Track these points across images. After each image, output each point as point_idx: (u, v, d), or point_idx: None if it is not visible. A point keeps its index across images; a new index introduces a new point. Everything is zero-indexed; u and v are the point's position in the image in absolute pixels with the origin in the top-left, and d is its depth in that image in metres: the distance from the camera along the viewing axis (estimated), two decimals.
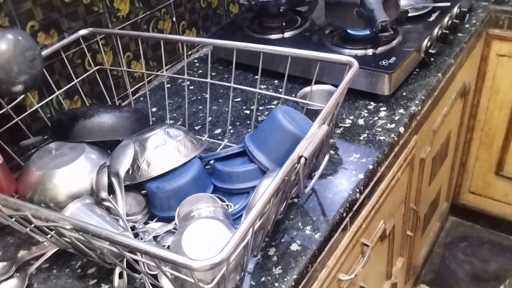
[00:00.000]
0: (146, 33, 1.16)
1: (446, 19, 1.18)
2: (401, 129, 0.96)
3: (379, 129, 0.95)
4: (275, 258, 0.72)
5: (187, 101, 1.04)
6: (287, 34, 1.19)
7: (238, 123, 1.03)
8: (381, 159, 0.90)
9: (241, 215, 0.76)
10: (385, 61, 1.02)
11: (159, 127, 0.84)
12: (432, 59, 1.13)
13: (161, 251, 0.53)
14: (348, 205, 0.81)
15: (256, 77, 0.99)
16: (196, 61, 1.30)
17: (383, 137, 0.93)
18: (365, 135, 0.94)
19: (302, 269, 0.70)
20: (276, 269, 0.70)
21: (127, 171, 0.78)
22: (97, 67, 1.06)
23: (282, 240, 0.75)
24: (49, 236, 0.68)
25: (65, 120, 0.88)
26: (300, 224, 0.77)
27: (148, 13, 1.17)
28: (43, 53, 0.90)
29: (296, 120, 0.79)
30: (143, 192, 0.81)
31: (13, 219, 0.71)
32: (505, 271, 1.77)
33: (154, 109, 1.11)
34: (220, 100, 1.11)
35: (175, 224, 0.75)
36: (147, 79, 1.20)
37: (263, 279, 0.69)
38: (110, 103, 1.09)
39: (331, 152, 0.90)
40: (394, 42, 1.08)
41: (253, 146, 0.79)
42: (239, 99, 1.10)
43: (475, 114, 1.66)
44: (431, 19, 1.16)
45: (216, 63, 1.26)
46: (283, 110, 0.80)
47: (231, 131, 1.00)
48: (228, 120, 0.97)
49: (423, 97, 1.04)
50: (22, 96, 0.93)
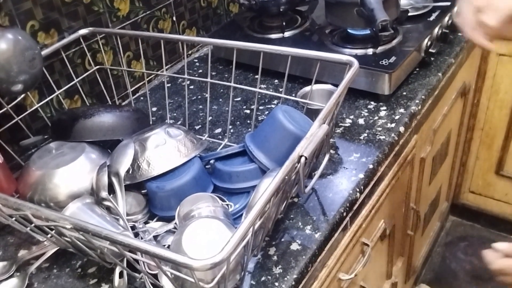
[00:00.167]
0: (146, 33, 1.16)
1: (447, 18, 1.18)
2: (401, 129, 0.96)
3: (379, 129, 0.95)
4: (275, 258, 0.72)
5: (187, 100, 1.04)
6: (287, 34, 1.19)
7: (238, 122, 1.03)
8: (381, 159, 0.90)
9: (241, 214, 0.76)
10: (385, 61, 1.02)
11: (159, 126, 0.84)
12: (432, 58, 1.13)
13: (161, 250, 0.53)
14: (348, 204, 0.81)
15: (256, 76, 0.99)
16: (196, 60, 1.30)
17: (383, 137, 0.93)
18: (365, 134, 0.94)
19: (302, 268, 0.70)
20: (276, 269, 0.70)
21: (127, 171, 0.78)
22: (97, 66, 1.06)
23: (282, 240, 0.75)
24: (49, 235, 0.68)
25: (65, 120, 0.88)
26: (300, 223, 0.77)
27: (148, 12, 1.17)
28: (43, 53, 0.90)
29: (296, 120, 0.79)
30: (143, 191, 0.81)
31: (14, 218, 0.71)
32: None
33: (154, 109, 1.11)
34: (220, 100, 1.11)
35: (175, 223, 0.75)
36: (147, 79, 1.20)
37: (263, 278, 0.69)
38: (110, 102, 1.09)
39: (331, 151, 0.90)
40: (394, 42, 1.08)
41: (253, 146, 0.79)
42: (239, 99, 1.10)
43: (475, 113, 1.66)
44: (431, 18, 1.16)
45: (216, 63, 1.26)
46: (283, 109, 0.80)
47: (231, 130, 1.00)
48: (228, 119, 0.97)
49: (423, 97, 1.04)
50: (22, 95, 0.93)
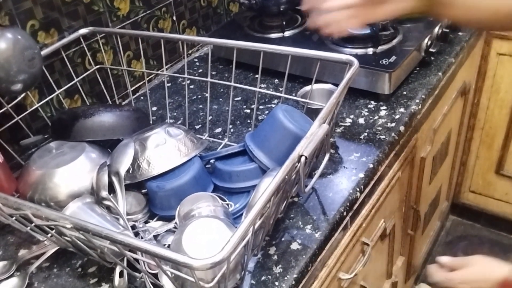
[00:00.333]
0: (146, 32, 1.16)
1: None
2: (402, 128, 0.96)
3: (380, 128, 0.95)
4: (275, 257, 0.72)
5: (187, 100, 1.04)
6: (287, 33, 1.19)
7: (238, 122, 1.03)
8: (381, 158, 0.90)
9: (242, 214, 0.76)
10: (385, 60, 1.01)
11: (159, 126, 0.83)
12: (432, 58, 1.12)
13: (161, 250, 0.53)
14: (348, 204, 0.81)
15: (256, 76, 0.99)
16: (196, 60, 1.30)
17: (384, 136, 0.93)
18: (366, 134, 0.94)
19: (303, 268, 0.70)
20: (277, 268, 0.70)
21: (128, 170, 0.78)
22: (97, 66, 1.06)
23: (283, 239, 0.75)
24: (49, 235, 0.68)
25: (65, 119, 0.88)
26: (300, 223, 0.77)
27: (148, 12, 1.17)
28: (43, 52, 0.90)
29: (296, 119, 0.79)
30: (143, 191, 0.81)
31: (14, 218, 0.71)
32: None
33: (154, 108, 1.11)
34: (221, 99, 1.11)
35: (176, 223, 0.75)
36: (147, 78, 1.20)
37: (263, 278, 0.69)
38: (110, 102, 1.09)
39: (332, 151, 0.90)
40: (395, 41, 1.08)
41: (254, 145, 0.79)
42: (239, 98, 1.10)
43: (476, 113, 1.66)
44: (432, 18, 1.16)
45: (216, 62, 1.26)
46: (283, 109, 0.80)
47: (232, 130, 1.00)
48: (229, 119, 0.97)
49: (423, 96, 1.04)
50: (23, 95, 0.93)
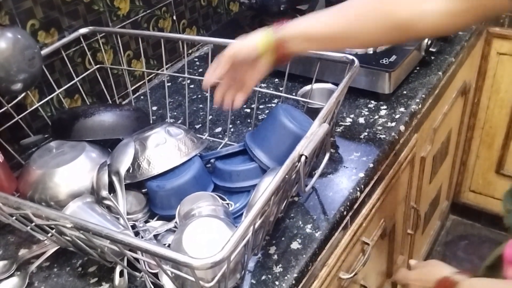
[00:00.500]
0: (147, 32, 1.16)
1: None
2: (402, 128, 0.96)
3: (380, 128, 0.95)
4: (275, 257, 0.72)
5: (187, 99, 1.04)
6: None
7: (238, 121, 1.03)
8: (381, 158, 0.90)
9: (242, 213, 0.76)
10: (385, 60, 1.01)
11: (159, 125, 0.84)
12: (432, 57, 1.12)
13: (161, 249, 0.53)
14: (348, 203, 0.81)
15: None
16: (196, 59, 1.30)
17: (384, 136, 0.93)
18: (366, 133, 0.94)
19: (303, 267, 0.70)
20: (277, 268, 0.70)
21: (128, 170, 0.78)
22: (98, 65, 1.06)
23: (283, 239, 0.75)
24: (49, 234, 0.68)
25: (66, 119, 0.88)
26: (300, 222, 0.77)
27: (148, 11, 1.17)
28: (43, 52, 0.90)
29: (296, 119, 0.79)
30: (143, 190, 0.81)
31: (14, 217, 0.71)
32: None
33: (154, 108, 1.11)
34: None
35: (176, 222, 0.75)
36: (148, 78, 1.20)
37: (263, 277, 0.69)
38: (110, 101, 1.09)
39: (332, 150, 0.90)
40: None
41: (254, 145, 0.79)
42: None
43: (476, 112, 1.66)
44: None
45: None
46: (283, 108, 0.80)
47: (232, 129, 1.00)
48: (229, 118, 0.97)
49: (423, 96, 1.04)
50: (23, 94, 0.93)
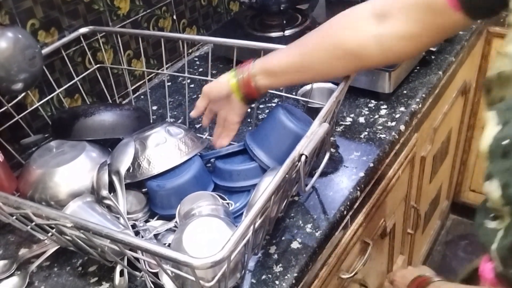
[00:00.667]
0: (147, 31, 1.16)
1: None
2: (402, 127, 0.96)
3: (380, 127, 0.95)
4: (275, 256, 0.72)
5: (187, 99, 1.04)
6: (287, 32, 1.19)
7: None
8: (381, 157, 0.90)
9: (242, 213, 0.76)
10: None
11: (159, 125, 0.83)
12: (433, 57, 1.12)
13: (162, 249, 0.53)
14: (348, 203, 0.81)
15: None
16: (196, 59, 1.30)
17: (384, 135, 0.93)
18: (366, 133, 0.94)
19: (303, 267, 0.70)
20: (277, 267, 0.70)
21: (128, 169, 0.78)
22: (98, 65, 1.06)
23: (283, 238, 0.75)
24: (50, 234, 0.68)
25: (66, 118, 0.88)
26: (300, 222, 0.77)
27: (148, 11, 1.17)
28: (43, 51, 0.90)
29: (296, 118, 0.79)
30: (144, 190, 0.81)
31: (14, 217, 0.71)
32: None
33: (154, 107, 1.11)
34: None
35: (176, 222, 0.75)
36: (148, 77, 1.20)
37: (263, 277, 0.69)
38: (110, 101, 1.09)
39: (332, 150, 0.90)
40: None
41: (254, 144, 0.79)
42: None
43: (476, 112, 1.65)
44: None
45: (216, 61, 1.26)
46: (283, 108, 0.80)
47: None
48: None
49: (423, 95, 1.04)
50: (23, 94, 0.93)
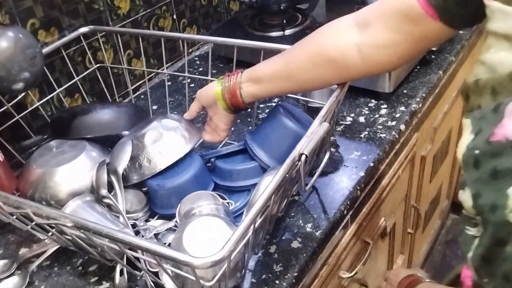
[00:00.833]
0: (147, 31, 1.16)
1: None
2: (402, 127, 0.96)
3: (380, 127, 0.95)
4: (276, 256, 0.72)
5: (188, 98, 1.04)
6: (287, 32, 1.19)
7: (238, 120, 1.03)
8: (382, 157, 0.90)
9: (242, 212, 0.76)
10: None
11: (153, 119, 0.83)
12: (433, 56, 1.12)
13: (162, 248, 0.53)
14: (349, 202, 0.81)
15: None
16: (196, 58, 1.30)
17: (384, 135, 0.93)
18: (366, 132, 0.94)
19: (303, 266, 0.70)
20: (277, 267, 0.70)
21: (130, 171, 0.78)
22: (98, 65, 1.06)
23: (283, 238, 0.75)
24: (50, 233, 0.68)
25: (64, 118, 0.88)
26: (301, 221, 0.77)
27: (148, 10, 1.17)
28: (43, 51, 0.90)
29: (297, 118, 0.79)
30: (144, 189, 0.81)
31: (14, 216, 0.71)
32: None
33: (155, 107, 1.11)
34: None
35: (176, 221, 0.75)
36: (148, 77, 1.20)
37: (264, 276, 0.69)
38: (110, 100, 1.09)
39: (332, 149, 0.90)
40: None
41: (254, 144, 0.79)
42: None
43: None
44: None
45: (216, 61, 1.26)
46: (284, 107, 0.80)
47: (232, 128, 1.00)
48: None
49: (424, 95, 1.04)
50: (23, 94, 0.93)
